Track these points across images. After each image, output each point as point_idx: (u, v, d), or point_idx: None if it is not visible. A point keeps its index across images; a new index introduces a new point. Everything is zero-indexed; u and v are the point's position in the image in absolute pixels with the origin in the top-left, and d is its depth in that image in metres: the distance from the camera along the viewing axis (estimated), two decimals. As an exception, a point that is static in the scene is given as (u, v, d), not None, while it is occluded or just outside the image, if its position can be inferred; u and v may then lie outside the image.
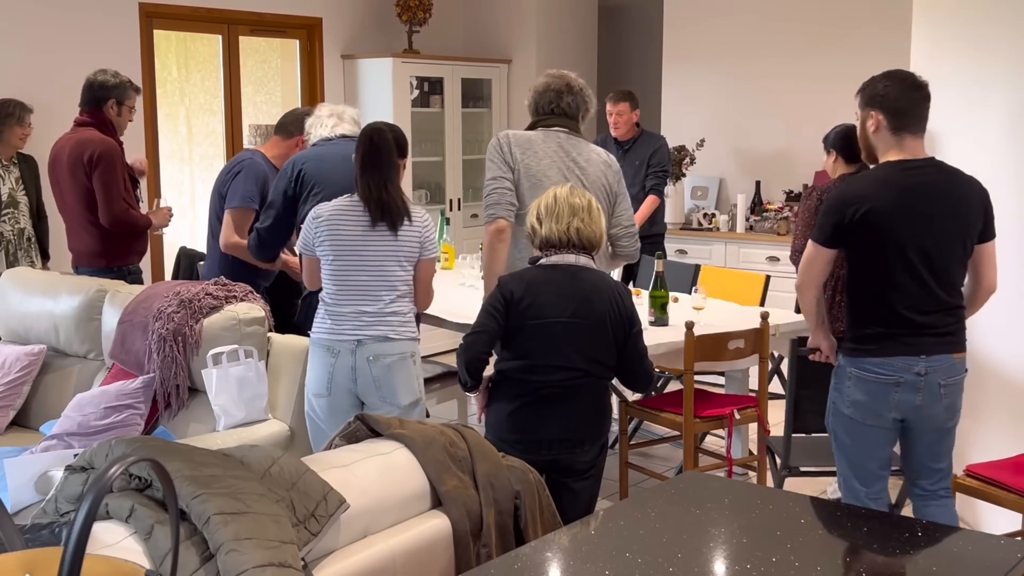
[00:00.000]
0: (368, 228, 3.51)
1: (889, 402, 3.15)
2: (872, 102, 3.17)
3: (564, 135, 3.84)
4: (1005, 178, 4.02)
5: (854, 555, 2.03)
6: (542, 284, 3.13)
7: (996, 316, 4.09)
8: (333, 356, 3.52)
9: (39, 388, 4.14)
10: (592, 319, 3.11)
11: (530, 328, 3.11)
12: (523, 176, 3.74)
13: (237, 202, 4.38)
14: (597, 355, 3.14)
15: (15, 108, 5.25)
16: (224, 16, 6.54)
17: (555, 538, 2.11)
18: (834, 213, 3.12)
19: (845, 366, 3.22)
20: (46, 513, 2.23)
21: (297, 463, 2.24)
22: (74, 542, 1.39)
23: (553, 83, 3.88)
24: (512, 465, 2.59)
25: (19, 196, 5.30)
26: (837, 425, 3.27)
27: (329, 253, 3.53)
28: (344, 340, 3.51)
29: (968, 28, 4.25)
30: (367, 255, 3.51)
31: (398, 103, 7.07)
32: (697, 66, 7.10)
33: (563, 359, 3.10)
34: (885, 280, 3.12)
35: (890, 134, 3.14)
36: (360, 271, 3.51)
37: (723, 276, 5.52)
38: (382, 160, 3.55)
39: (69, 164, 4.62)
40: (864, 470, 3.23)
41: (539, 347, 3.11)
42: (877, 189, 3.09)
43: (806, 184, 6.46)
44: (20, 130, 5.27)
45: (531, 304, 3.10)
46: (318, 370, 3.55)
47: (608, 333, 3.13)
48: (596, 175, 3.82)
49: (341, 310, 3.52)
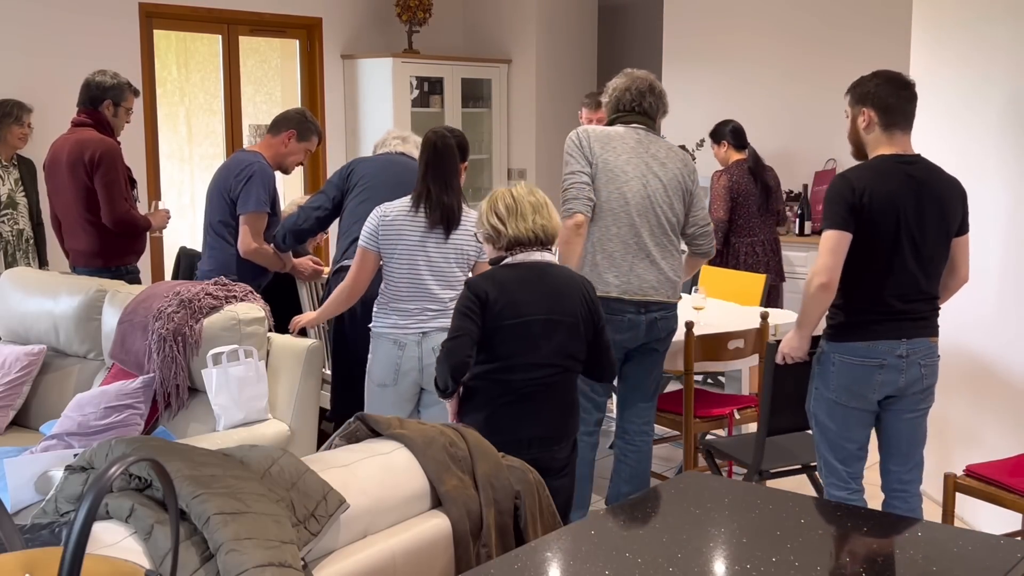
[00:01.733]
0: (427, 230, 3.66)
1: (872, 384, 3.26)
2: (864, 100, 3.28)
3: (643, 131, 3.83)
4: (1004, 178, 4.02)
5: (854, 555, 2.03)
6: (514, 283, 3.12)
7: (996, 316, 4.09)
8: (400, 348, 3.68)
9: (39, 388, 4.13)
10: (567, 315, 3.12)
11: (507, 328, 3.08)
12: (600, 171, 3.72)
13: (252, 207, 4.40)
14: (572, 350, 3.15)
15: (13, 108, 5.24)
16: (224, 16, 6.54)
17: (555, 538, 2.11)
18: (843, 198, 3.17)
19: (829, 352, 3.31)
20: (46, 513, 2.23)
21: (297, 463, 2.24)
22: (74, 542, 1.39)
23: (636, 83, 3.87)
24: (512, 465, 2.59)
25: (18, 197, 5.30)
26: (819, 409, 3.37)
27: (394, 252, 3.68)
28: (410, 333, 3.66)
29: (968, 28, 4.25)
30: (429, 255, 3.67)
31: (398, 103, 7.08)
32: (697, 66, 7.10)
33: (542, 356, 3.09)
34: (878, 266, 3.21)
35: (881, 131, 3.25)
36: (422, 271, 3.67)
37: (723, 276, 5.52)
38: (445, 166, 3.69)
39: (69, 164, 4.60)
40: (845, 451, 3.35)
41: (518, 346, 3.09)
42: (877, 178, 3.19)
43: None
44: (19, 130, 5.26)
45: (507, 304, 3.08)
46: (384, 361, 3.70)
47: (580, 328, 3.14)
48: (674, 172, 3.80)
49: (406, 306, 3.68)
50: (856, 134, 3.32)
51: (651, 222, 3.74)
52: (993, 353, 4.11)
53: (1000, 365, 4.08)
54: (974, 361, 4.17)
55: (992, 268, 4.05)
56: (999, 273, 4.05)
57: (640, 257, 3.72)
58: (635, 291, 3.71)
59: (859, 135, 3.31)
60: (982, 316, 4.12)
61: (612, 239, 3.72)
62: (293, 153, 4.55)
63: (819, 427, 3.39)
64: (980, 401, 4.22)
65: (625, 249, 3.72)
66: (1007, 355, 4.04)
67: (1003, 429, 4.06)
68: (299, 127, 4.49)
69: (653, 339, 3.80)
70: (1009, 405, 4.04)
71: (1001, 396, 4.08)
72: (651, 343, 3.81)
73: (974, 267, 3.41)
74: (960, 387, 4.21)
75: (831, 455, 3.37)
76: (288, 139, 4.47)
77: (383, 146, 4.52)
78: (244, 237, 4.42)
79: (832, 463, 3.37)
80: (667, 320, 3.82)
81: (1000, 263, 4.05)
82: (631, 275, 3.71)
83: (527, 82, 7.78)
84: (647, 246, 3.73)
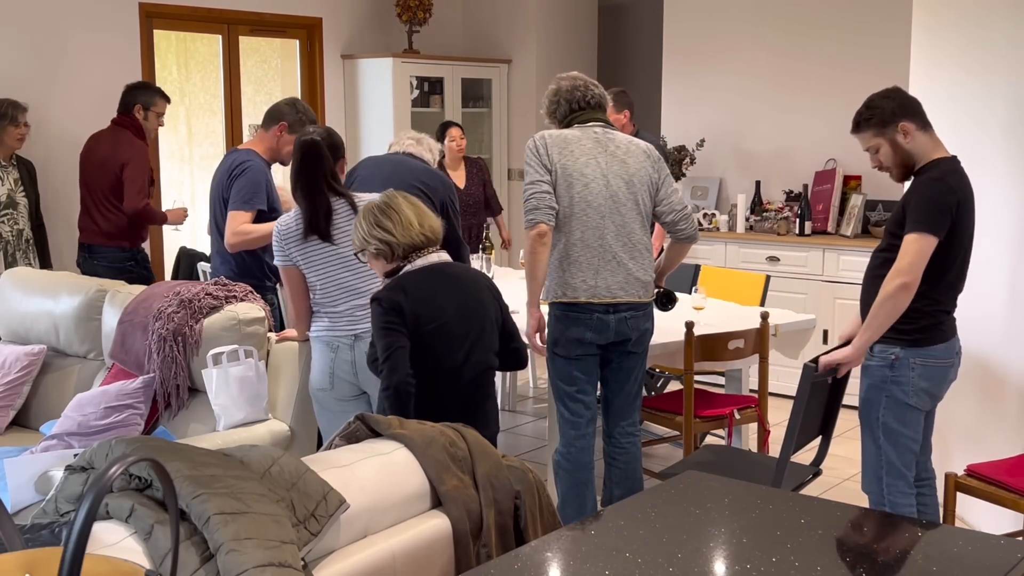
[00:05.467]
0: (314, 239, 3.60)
1: (946, 384, 3.36)
2: (895, 116, 3.26)
3: (600, 130, 3.79)
4: (1006, 179, 4.02)
5: (854, 555, 2.03)
6: (423, 288, 3.09)
7: (997, 317, 4.09)
8: (333, 351, 3.59)
9: (39, 388, 4.14)
10: (479, 310, 3.13)
11: (428, 335, 3.04)
12: (560, 176, 3.68)
13: (240, 205, 4.38)
14: (492, 344, 3.16)
15: (8, 108, 5.22)
16: (224, 16, 6.54)
17: (555, 538, 2.11)
18: (946, 205, 3.17)
19: (907, 357, 3.28)
20: (46, 513, 2.23)
21: (297, 463, 2.24)
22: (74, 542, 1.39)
23: (575, 81, 3.84)
24: (512, 465, 2.59)
25: (18, 197, 5.30)
26: (892, 417, 3.32)
27: (303, 262, 3.60)
28: (341, 336, 3.58)
29: (968, 28, 4.25)
30: (340, 255, 3.59)
31: (398, 103, 7.08)
32: (697, 66, 7.10)
33: (466, 356, 3.08)
34: (957, 268, 3.28)
35: (923, 134, 3.27)
36: (340, 271, 3.60)
37: (723, 276, 5.52)
38: (314, 170, 3.61)
39: (103, 156, 5.30)
40: (911, 454, 3.37)
41: (442, 352, 3.06)
42: (962, 181, 3.25)
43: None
44: (15, 130, 5.25)
45: (422, 311, 3.04)
46: (319, 365, 3.63)
47: (492, 319, 3.16)
48: (636, 167, 3.75)
49: (336, 309, 3.60)
50: (899, 154, 3.28)
51: (616, 223, 3.70)
52: (994, 353, 4.11)
53: (1001, 365, 4.08)
54: (976, 361, 4.16)
55: (992, 268, 4.05)
56: (999, 273, 4.06)
57: (606, 260, 3.69)
58: (603, 295, 3.68)
59: (903, 153, 3.27)
60: (984, 316, 4.12)
61: (576, 244, 3.68)
62: (287, 144, 4.53)
63: (889, 435, 3.33)
64: (981, 401, 4.22)
65: (590, 253, 3.68)
66: (1008, 355, 4.04)
67: (1004, 429, 4.06)
68: (289, 118, 4.47)
69: (625, 339, 3.75)
70: (1010, 405, 4.04)
71: (1002, 396, 4.08)
72: (627, 346, 3.77)
73: (975, 266, 3.42)
74: (961, 387, 4.20)
75: (900, 461, 3.33)
76: (280, 132, 4.46)
77: (396, 145, 4.59)
78: (226, 232, 4.39)
79: (900, 470, 3.34)
80: (637, 319, 3.76)
81: (1000, 264, 4.05)
82: (598, 279, 3.68)
83: (527, 82, 7.78)
84: (612, 248, 3.69)
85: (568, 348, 3.73)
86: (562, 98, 3.83)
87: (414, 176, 4.35)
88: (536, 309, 3.79)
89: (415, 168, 4.40)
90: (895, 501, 3.32)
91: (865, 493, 3.43)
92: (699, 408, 4.23)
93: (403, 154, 4.48)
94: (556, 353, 3.77)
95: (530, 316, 3.80)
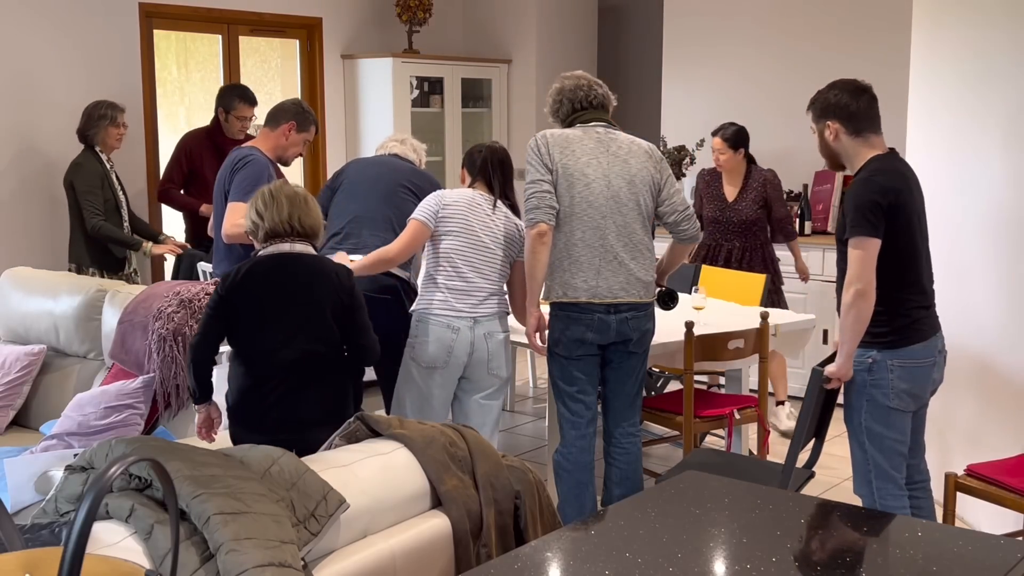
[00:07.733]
0: (489, 213, 3.95)
1: (928, 384, 3.32)
2: (826, 113, 3.32)
3: (603, 130, 3.78)
4: (1004, 178, 4.02)
5: (854, 555, 2.03)
6: (259, 274, 3.21)
7: (997, 317, 4.09)
8: (453, 332, 3.82)
9: (39, 388, 4.14)
10: (311, 300, 3.20)
11: (246, 318, 3.19)
12: (561, 176, 3.68)
13: (240, 196, 4.38)
14: (320, 334, 3.21)
15: (107, 109, 5.34)
16: (224, 16, 6.54)
17: (555, 538, 2.11)
18: (875, 204, 3.15)
19: (884, 360, 3.25)
20: (46, 513, 2.23)
21: (297, 463, 2.24)
22: (74, 542, 1.39)
23: (578, 80, 3.84)
24: (512, 465, 2.59)
25: (121, 196, 5.46)
26: (874, 421, 3.30)
27: (451, 233, 3.90)
28: (463, 317, 3.84)
29: (968, 28, 4.25)
30: (485, 238, 3.91)
31: (398, 103, 7.07)
32: (697, 66, 7.10)
33: (287, 342, 3.17)
34: (913, 262, 3.24)
35: (851, 138, 3.28)
36: (478, 252, 3.90)
37: (723, 276, 5.52)
38: (507, 167, 4.12)
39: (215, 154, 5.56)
40: (899, 456, 3.33)
41: (255, 334, 3.19)
42: (895, 177, 3.21)
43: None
44: (115, 130, 5.38)
45: (247, 295, 3.18)
46: (435, 344, 3.84)
47: (327, 312, 3.22)
48: (638, 167, 3.75)
49: (459, 285, 3.88)
50: (827, 147, 3.34)
51: (617, 223, 3.69)
52: (994, 353, 4.11)
53: (1001, 365, 4.08)
54: (975, 361, 4.16)
55: (992, 268, 4.05)
56: (999, 273, 4.06)
57: (607, 260, 3.68)
58: (604, 295, 3.68)
59: (830, 148, 3.33)
60: (983, 316, 4.12)
61: (577, 244, 3.68)
62: (294, 144, 4.54)
63: (874, 439, 3.31)
64: (981, 401, 4.22)
65: (591, 253, 3.68)
66: (1008, 355, 4.04)
67: (1004, 429, 4.05)
68: (298, 118, 4.47)
69: (626, 339, 3.75)
70: (1010, 405, 4.04)
71: (1002, 396, 4.08)
72: (627, 346, 3.77)
73: (975, 267, 3.42)
74: (961, 387, 4.21)
75: (888, 464, 3.32)
76: (288, 131, 4.46)
77: (381, 148, 4.69)
78: (224, 223, 4.39)
79: (888, 472, 3.32)
80: (638, 320, 3.76)
81: (999, 263, 4.05)
82: (599, 279, 3.68)
83: (527, 82, 7.78)
84: (614, 248, 3.69)
85: (569, 348, 3.73)
86: (565, 97, 3.84)
87: (403, 176, 4.44)
88: (536, 309, 3.79)
89: (402, 169, 4.51)
90: (886, 504, 3.31)
91: (857, 496, 3.43)
92: (699, 408, 4.23)
93: (389, 155, 4.59)
94: (557, 353, 3.77)
95: (530, 316, 3.80)
